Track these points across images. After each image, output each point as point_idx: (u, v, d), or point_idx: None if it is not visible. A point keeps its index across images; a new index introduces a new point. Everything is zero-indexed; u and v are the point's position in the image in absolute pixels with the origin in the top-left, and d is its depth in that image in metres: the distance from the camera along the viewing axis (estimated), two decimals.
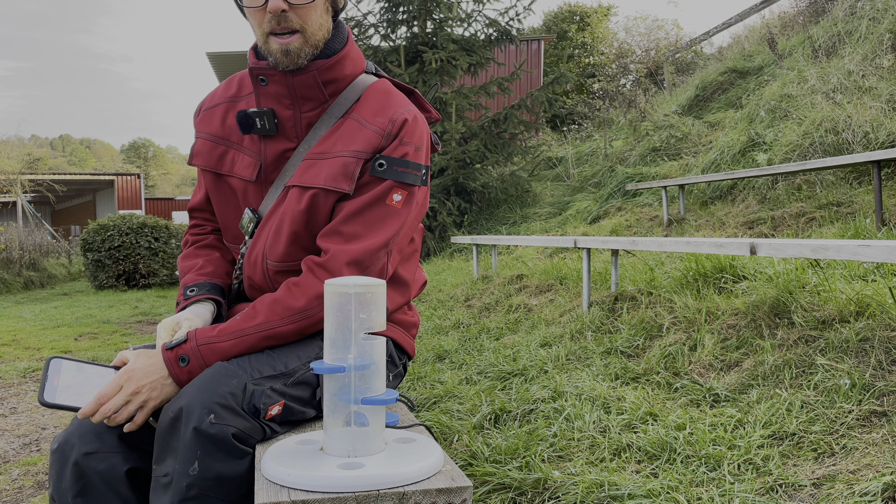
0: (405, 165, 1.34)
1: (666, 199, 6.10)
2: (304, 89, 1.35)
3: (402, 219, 1.34)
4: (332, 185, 1.31)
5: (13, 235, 12.32)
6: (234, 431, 1.09)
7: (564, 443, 1.99)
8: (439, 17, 9.52)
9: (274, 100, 1.37)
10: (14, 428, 3.22)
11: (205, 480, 1.06)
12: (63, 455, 1.21)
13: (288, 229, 1.34)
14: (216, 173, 1.46)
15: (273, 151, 1.39)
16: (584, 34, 16.79)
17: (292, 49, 1.30)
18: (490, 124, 9.67)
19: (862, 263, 2.74)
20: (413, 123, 1.37)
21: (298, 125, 1.38)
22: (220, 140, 1.45)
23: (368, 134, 1.33)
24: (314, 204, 1.32)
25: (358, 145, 1.33)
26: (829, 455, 1.66)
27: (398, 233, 1.34)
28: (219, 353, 1.22)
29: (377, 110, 1.36)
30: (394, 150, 1.33)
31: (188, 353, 1.21)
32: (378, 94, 1.40)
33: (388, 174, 1.32)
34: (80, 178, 23.30)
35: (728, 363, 2.39)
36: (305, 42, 1.31)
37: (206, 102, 1.52)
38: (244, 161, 1.42)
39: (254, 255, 1.39)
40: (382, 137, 1.33)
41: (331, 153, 1.34)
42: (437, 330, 4.22)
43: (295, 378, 1.23)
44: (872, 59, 5.98)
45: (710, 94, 9.25)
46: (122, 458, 1.21)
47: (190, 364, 1.21)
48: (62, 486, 1.20)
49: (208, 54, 14.47)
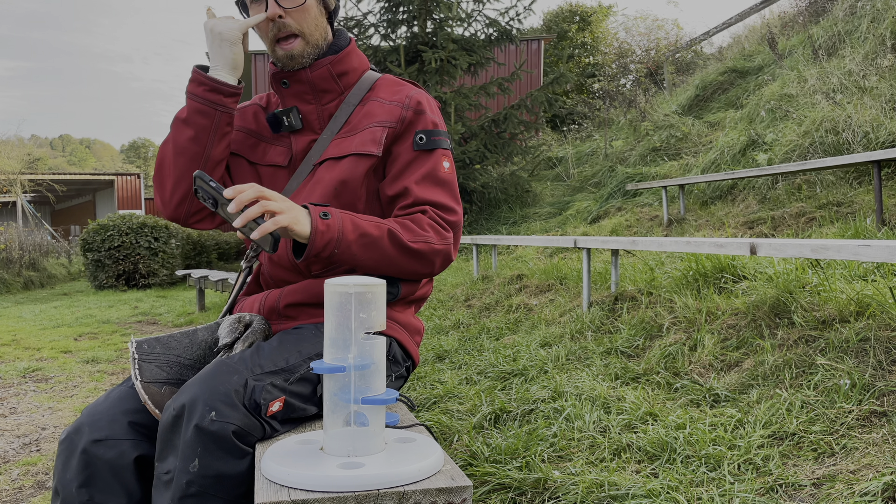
0: (439, 134, 1.47)
1: (666, 199, 6.10)
2: (322, 82, 1.48)
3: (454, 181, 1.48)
4: (363, 149, 1.42)
5: (13, 235, 12.32)
6: (234, 429, 1.09)
7: (564, 443, 1.99)
8: (439, 16, 9.51)
9: (296, 98, 1.49)
10: (14, 428, 3.22)
11: (205, 478, 1.06)
12: (71, 443, 1.22)
13: (319, 197, 1.41)
14: (249, 161, 1.54)
15: (300, 143, 1.50)
16: (584, 34, 16.79)
17: (295, 52, 1.43)
18: (490, 124, 9.67)
19: (862, 263, 2.74)
20: (428, 101, 1.50)
21: (321, 117, 1.50)
22: (253, 133, 1.56)
23: (389, 107, 1.46)
24: (347, 171, 1.41)
25: (382, 117, 1.45)
26: (830, 455, 1.66)
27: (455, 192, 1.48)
28: (354, 224, 1.30)
29: (392, 92, 1.50)
30: (426, 123, 1.46)
31: (330, 212, 1.29)
32: (389, 82, 1.54)
33: (431, 144, 1.44)
34: (79, 178, 23.28)
35: (728, 363, 2.39)
36: (306, 44, 1.44)
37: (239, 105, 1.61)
38: (276, 150, 1.53)
39: None
40: (402, 108, 1.45)
41: (358, 128, 1.46)
42: (437, 330, 4.22)
43: (296, 374, 1.23)
44: (873, 58, 5.97)
45: (711, 94, 9.25)
46: (132, 446, 1.22)
47: (330, 219, 1.27)
48: (67, 476, 1.20)
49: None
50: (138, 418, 1.24)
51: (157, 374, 1.26)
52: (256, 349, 1.26)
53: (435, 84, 9.13)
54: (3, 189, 18.90)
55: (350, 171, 1.41)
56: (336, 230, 1.27)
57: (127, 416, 1.23)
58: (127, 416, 1.23)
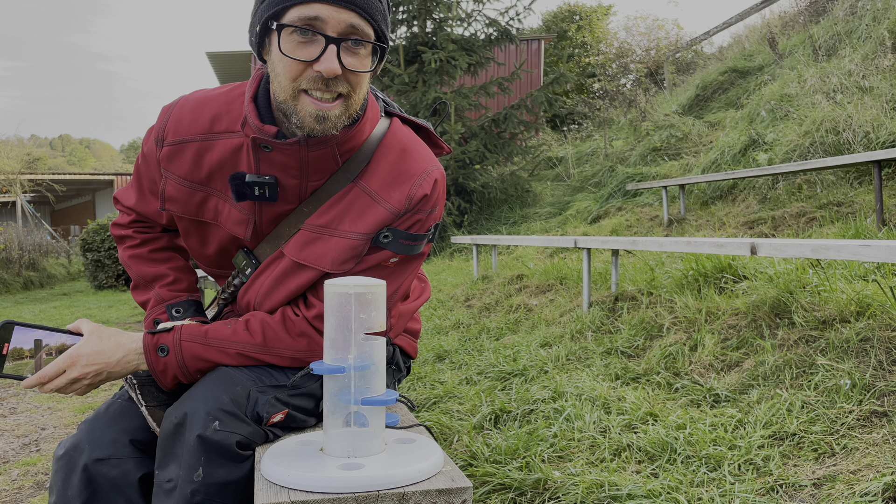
0: (412, 239, 1.21)
1: (666, 198, 6.10)
2: (318, 163, 1.17)
3: (403, 276, 1.26)
4: (339, 268, 1.19)
5: (13, 235, 12.32)
6: (238, 439, 1.08)
7: (564, 443, 1.99)
8: (439, 16, 9.51)
9: (278, 168, 1.17)
10: (14, 428, 3.22)
11: (209, 487, 1.06)
12: (71, 461, 1.18)
13: (283, 297, 1.24)
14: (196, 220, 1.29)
15: (270, 213, 1.23)
16: (583, 34, 16.78)
17: (331, 116, 1.10)
18: (490, 124, 9.67)
19: (862, 263, 2.74)
20: (433, 194, 1.22)
21: (303, 193, 1.21)
22: (198, 185, 1.24)
23: (380, 212, 1.18)
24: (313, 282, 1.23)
25: (367, 226, 1.18)
26: (830, 455, 1.66)
27: (398, 290, 1.27)
28: (198, 356, 1.19)
29: (392, 180, 1.20)
30: (403, 223, 1.20)
31: (169, 345, 1.19)
32: (392, 153, 1.22)
33: (392, 246, 1.20)
34: (79, 177, 23.26)
35: (728, 363, 2.39)
36: (346, 110, 1.12)
37: (170, 131, 1.24)
38: (234, 216, 1.24)
39: (245, 300, 1.30)
40: (394, 216, 1.19)
41: (336, 230, 1.19)
42: (437, 330, 4.22)
43: (299, 389, 1.22)
44: (873, 58, 5.97)
45: (711, 94, 9.25)
46: (136, 465, 1.19)
47: (168, 356, 1.18)
48: (68, 494, 1.17)
49: (208, 54, 14.47)
50: (140, 436, 1.22)
51: (158, 396, 1.24)
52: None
53: (435, 84, 9.13)
54: (2, 189, 18.88)
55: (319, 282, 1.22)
56: (175, 365, 1.18)
57: (128, 435, 1.21)
58: (128, 435, 1.21)
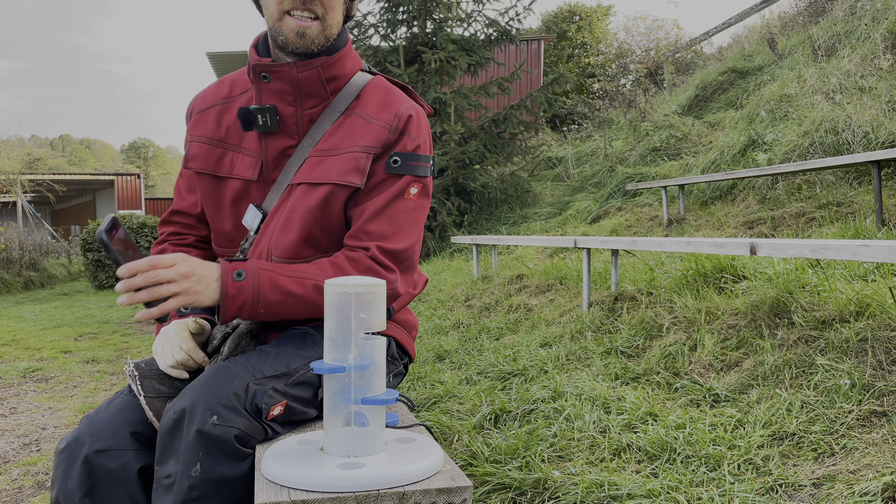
0: (417, 159, 1.37)
1: (666, 199, 6.10)
2: (308, 85, 1.35)
3: (424, 211, 1.39)
4: (345, 179, 1.32)
5: (13, 235, 12.31)
6: (236, 433, 1.08)
7: (564, 443, 1.99)
8: (439, 17, 9.51)
9: (276, 96, 1.35)
10: (14, 428, 3.22)
11: (207, 482, 1.06)
12: (71, 453, 1.19)
13: (298, 225, 1.33)
14: (215, 176, 1.43)
15: (274, 149, 1.38)
16: (583, 34, 16.78)
17: (309, 34, 1.29)
18: (490, 124, 9.67)
19: (862, 263, 2.74)
20: (417, 118, 1.39)
21: (300, 122, 1.37)
22: (217, 142, 1.43)
23: (375, 129, 1.35)
24: (326, 200, 1.32)
25: (366, 140, 1.34)
26: (829, 455, 1.66)
27: (418, 240, 1.38)
28: (274, 283, 1.23)
29: (380, 106, 1.38)
30: (405, 146, 1.36)
31: (246, 270, 1.22)
32: (378, 90, 1.41)
33: (404, 169, 1.35)
34: (80, 178, 23.26)
35: (728, 363, 2.39)
36: (322, 31, 1.31)
37: (197, 104, 1.49)
38: (244, 161, 1.40)
39: (258, 251, 1.37)
40: (389, 132, 1.35)
41: (339, 149, 1.35)
42: (437, 330, 4.22)
43: (296, 378, 1.23)
44: (872, 59, 5.97)
45: (710, 94, 9.25)
46: (135, 457, 1.20)
47: (244, 280, 1.21)
48: (68, 486, 1.18)
49: (208, 54, 14.46)
50: (140, 429, 1.23)
51: (158, 388, 1.25)
52: (258, 353, 1.25)
53: (435, 84, 9.13)
54: (3, 189, 18.88)
55: (329, 201, 1.33)
56: (250, 292, 1.21)
57: (129, 427, 1.22)
58: (129, 427, 1.22)
